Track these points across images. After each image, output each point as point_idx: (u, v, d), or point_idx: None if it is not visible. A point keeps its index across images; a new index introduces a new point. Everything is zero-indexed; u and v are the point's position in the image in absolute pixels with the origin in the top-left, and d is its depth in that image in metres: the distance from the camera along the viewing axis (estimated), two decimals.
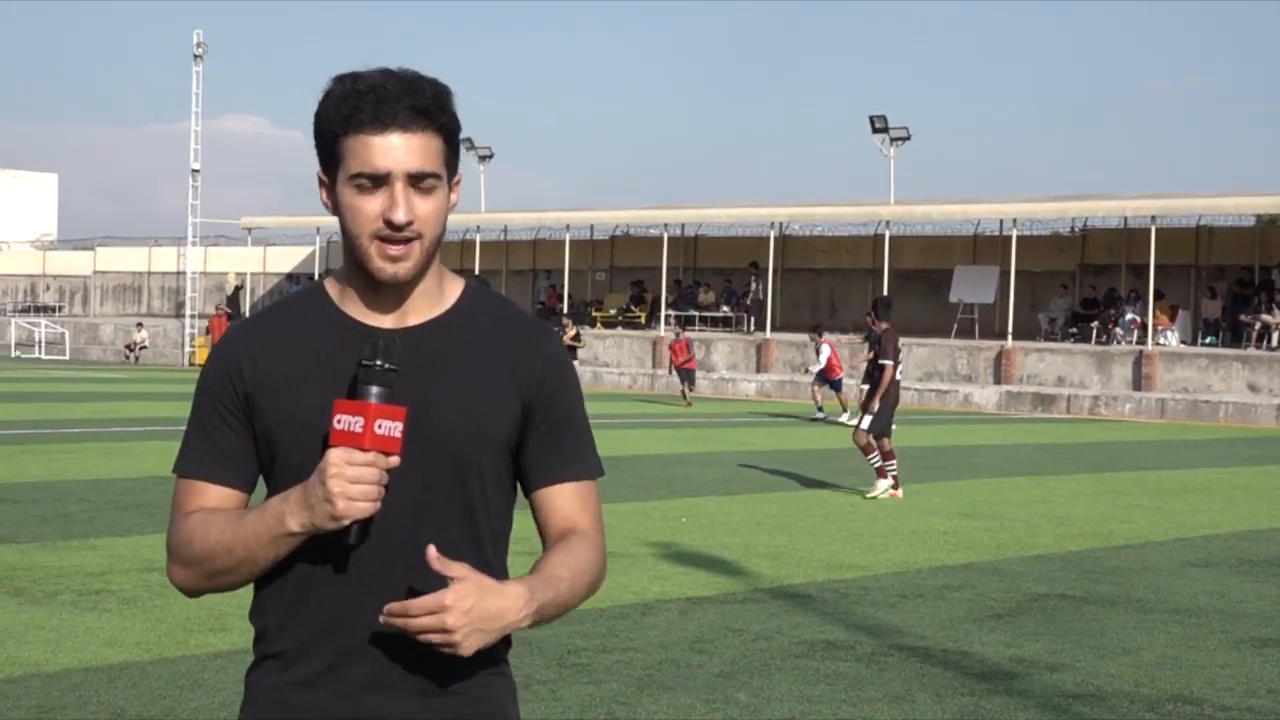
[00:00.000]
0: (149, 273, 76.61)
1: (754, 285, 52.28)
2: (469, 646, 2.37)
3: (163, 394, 34.74)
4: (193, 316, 62.14)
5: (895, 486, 17.20)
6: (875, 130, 48.21)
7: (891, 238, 48.42)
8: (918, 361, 43.92)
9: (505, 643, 2.63)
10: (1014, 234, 45.23)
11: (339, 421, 2.40)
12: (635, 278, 57.49)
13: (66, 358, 65.87)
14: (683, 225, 56.59)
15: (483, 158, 58.50)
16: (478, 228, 57.42)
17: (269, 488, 2.60)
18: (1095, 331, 44.33)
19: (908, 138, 48.24)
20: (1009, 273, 44.60)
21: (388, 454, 2.41)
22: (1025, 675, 8.37)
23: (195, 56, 65.56)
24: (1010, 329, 43.40)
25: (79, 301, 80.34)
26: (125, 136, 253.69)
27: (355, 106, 2.48)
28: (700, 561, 12.04)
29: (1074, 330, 45.53)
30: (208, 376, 2.63)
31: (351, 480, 2.38)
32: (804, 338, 46.95)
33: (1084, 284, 49.13)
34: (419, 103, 2.49)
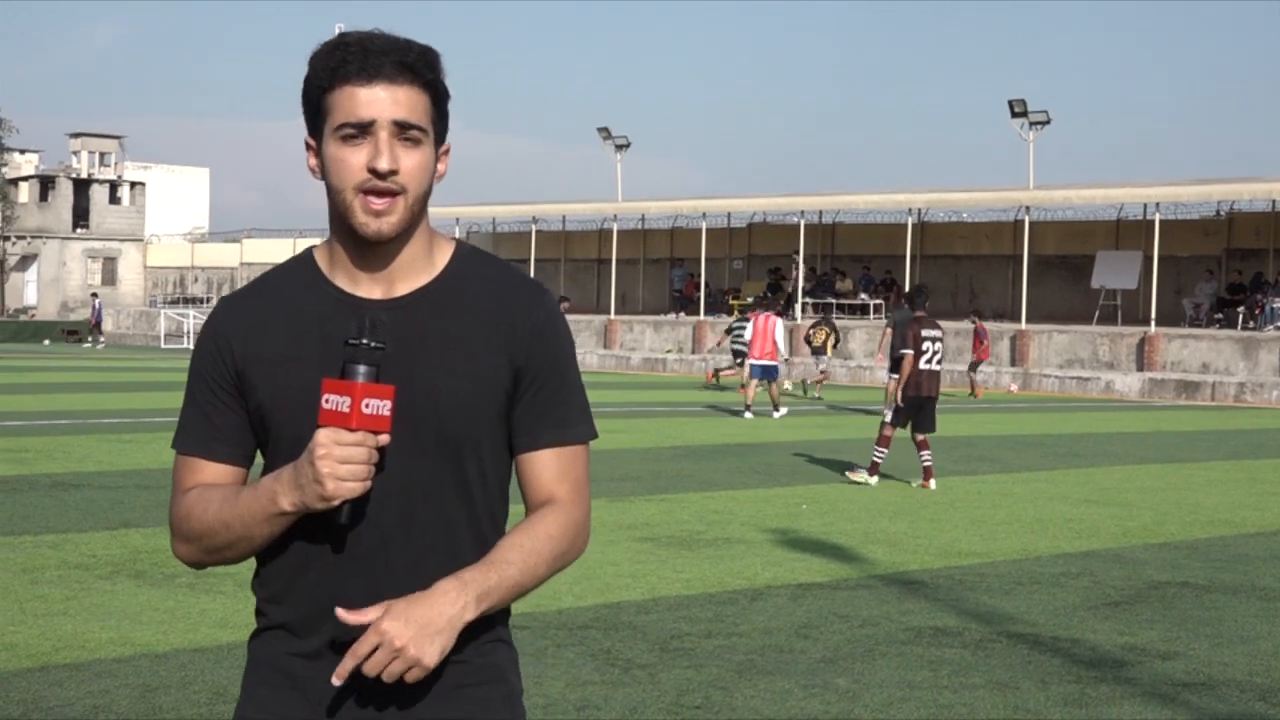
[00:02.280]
0: None
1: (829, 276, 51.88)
2: (430, 655, 2.37)
3: None
4: None
5: (872, 472, 16.71)
6: (1014, 114, 47.57)
7: (1032, 223, 47.77)
8: (1058, 348, 43.33)
9: (504, 612, 2.61)
10: (1157, 218, 44.42)
11: (327, 401, 2.39)
12: (772, 265, 57.32)
13: None
14: (820, 212, 56.30)
15: (619, 147, 58.65)
16: (615, 216, 57.57)
17: (265, 462, 2.60)
18: (1241, 317, 43.40)
19: (1048, 121, 47.54)
20: (1152, 258, 43.80)
21: (377, 433, 2.40)
22: (1136, 663, 8.22)
23: None
24: (1154, 315, 42.63)
25: (226, 292, 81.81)
26: (275, 130, 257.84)
27: (342, 59, 2.47)
28: (816, 548, 11.97)
29: (1219, 316, 44.63)
30: (199, 353, 2.63)
31: (340, 460, 2.37)
32: (943, 324, 46.54)
33: (1230, 269, 48.14)
34: (405, 58, 2.48)
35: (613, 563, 10.99)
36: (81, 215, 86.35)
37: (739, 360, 32.25)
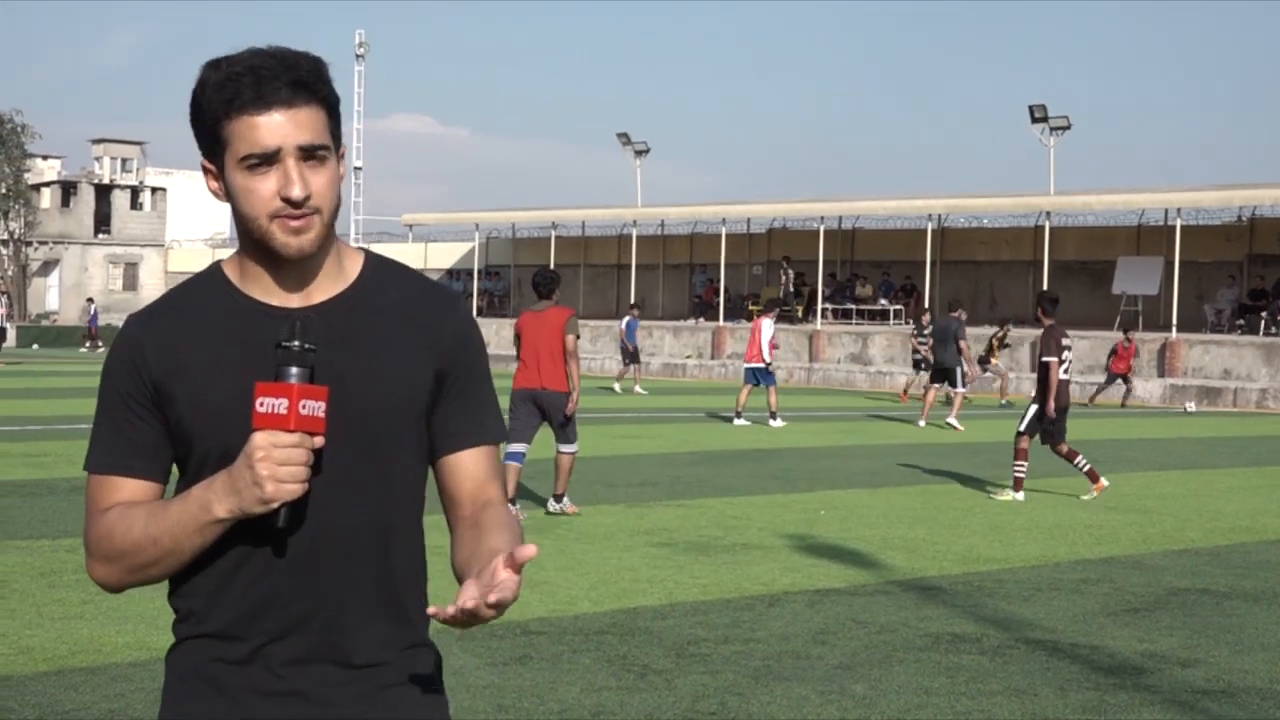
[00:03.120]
0: None
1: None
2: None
3: None
4: None
5: (1017, 488, 16.40)
6: (1034, 120, 47.48)
7: (1052, 229, 47.64)
8: (1079, 354, 43.18)
9: (423, 611, 2.62)
10: (1179, 223, 44.27)
11: (261, 405, 2.37)
12: (792, 271, 57.23)
13: None
14: (840, 218, 56.25)
15: (639, 153, 58.70)
16: (634, 222, 57.58)
17: (183, 476, 2.57)
18: (1264, 323, 43.23)
19: (1068, 127, 47.45)
20: (1173, 263, 43.66)
21: (313, 434, 2.39)
22: (1155, 670, 8.17)
23: (357, 56, 66.65)
24: (1175, 321, 42.48)
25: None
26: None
27: (235, 90, 2.44)
28: (834, 553, 11.93)
29: (1241, 322, 44.46)
30: (112, 368, 2.59)
31: (279, 463, 2.36)
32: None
33: (1252, 274, 47.98)
34: (298, 77, 2.46)
35: (630, 568, 10.96)
36: (103, 221, 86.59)
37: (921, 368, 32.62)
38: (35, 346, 67.38)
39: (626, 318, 40.35)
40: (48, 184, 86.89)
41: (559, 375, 13.60)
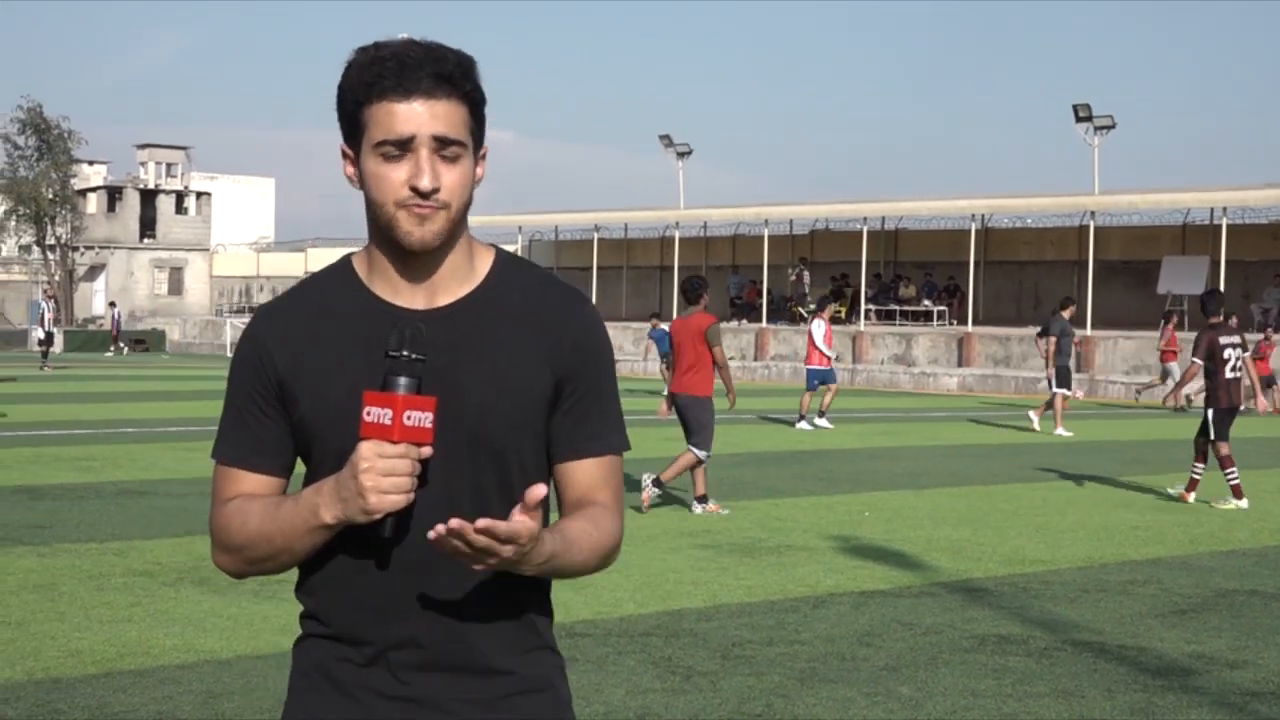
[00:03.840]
0: None
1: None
2: (497, 563, 2.33)
3: None
4: None
5: (1189, 489, 16.09)
6: (1079, 119, 47.24)
7: (1097, 228, 47.44)
8: (1125, 354, 43.00)
9: (548, 618, 2.62)
10: (1224, 222, 44.02)
11: (369, 414, 2.37)
12: (835, 272, 57.15)
13: None
14: (883, 219, 56.12)
15: (681, 154, 58.65)
16: (676, 224, 57.57)
17: (308, 472, 2.58)
18: None
19: (1112, 126, 47.18)
20: (1219, 263, 43.40)
21: (419, 445, 2.37)
22: (1203, 672, 8.12)
23: None
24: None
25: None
26: (339, 139, 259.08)
27: (378, 74, 2.44)
28: (879, 555, 11.90)
29: None
30: (239, 363, 2.60)
31: (383, 474, 2.35)
32: (1008, 331, 46.24)
33: None
34: (443, 70, 2.44)
35: (674, 570, 10.97)
36: (148, 225, 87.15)
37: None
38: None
39: (649, 329, 37.06)
40: (93, 189, 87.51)
41: (695, 380, 14.20)
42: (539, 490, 2.31)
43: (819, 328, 27.36)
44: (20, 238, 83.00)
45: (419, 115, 2.43)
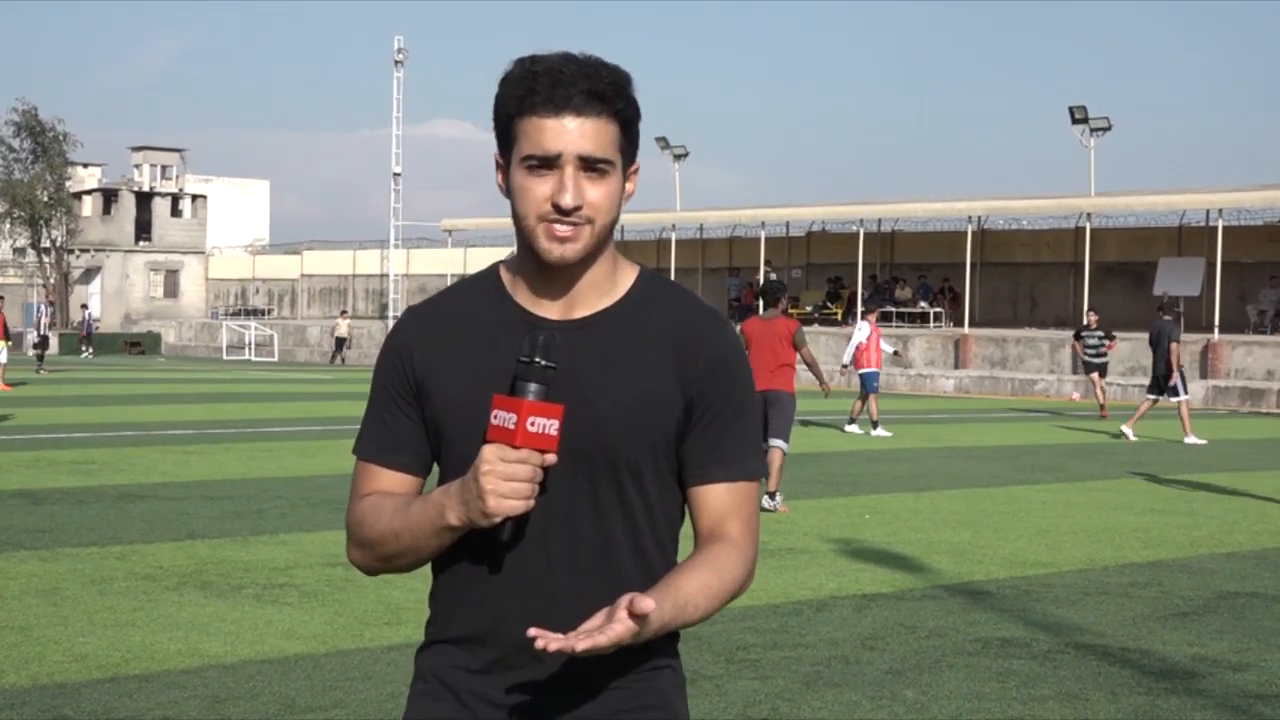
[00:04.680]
0: (353, 275, 78.31)
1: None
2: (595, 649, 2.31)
3: (364, 394, 35.40)
4: (395, 318, 63.25)
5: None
6: (1075, 121, 47.32)
7: (1093, 230, 47.51)
8: (1121, 356, 43.02)
9: (673, 636, 2.60)
10: (1220, 224, 44.07)
11: (495, 417, 2.40)
12: (831, 274, 57.19)
13: (275, 359, 67.59)
14: (879, 221, 56.16)
15: (678, 156, 58.70)
16: (673, 226, 57.62)
17: (440, 472, 2.62)
18: None
19: (1108, 128, 47.26)
20: (1215, 264, 43.45)
21: (543, 451, 2.38)
22: (1207, 674, 8.13)
23: (396, 62, 66.81)
24: (1217, 322, 42.26)
25: (287, 304, 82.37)
26: (335, 142, 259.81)
27: (530, 88, 2.46)
28: (880, 558, 11.91)
29: None
30: (382, 362, 2.65)
31: (503, 478, 2.36)
32: (1004, 332, 46.30)
33: None
34: (595, 87, 2.46)
35: None
36: (144, 228, 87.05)
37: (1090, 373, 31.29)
38: (85, 354, 67.85)
39: None
40: (89, 192, 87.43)
41: (781, 378, 14.99)
42: (647, 604, 2.28)
43: (862, 330, 27.26)
44: (15, 240, 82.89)
45: (568, 132, 2.45)
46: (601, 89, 2.46)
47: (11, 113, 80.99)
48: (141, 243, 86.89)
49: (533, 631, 2.31)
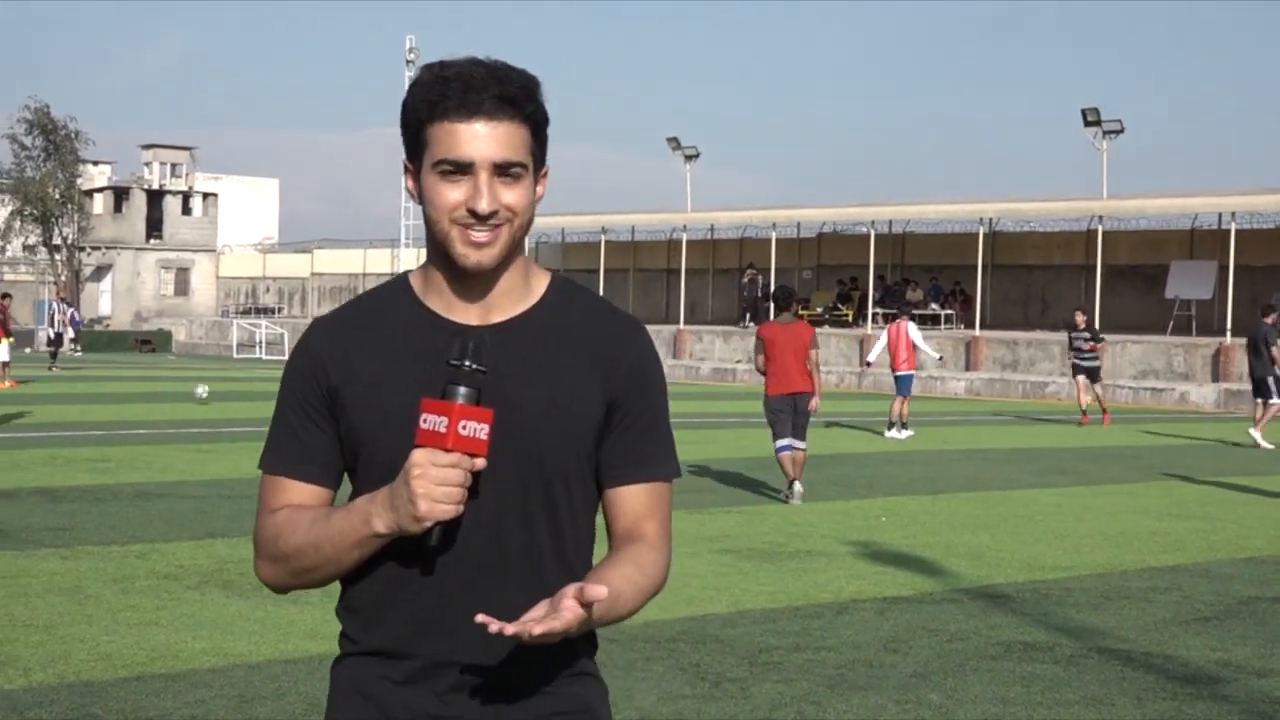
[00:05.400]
0: (364, 274, 78.32)
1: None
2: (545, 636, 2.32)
3: None
4: None
5: None
6: (1087, 123, 47.28)
7: (1105, 233, 47.46)
8: (1132, 359, 42.98)
9: (591, 644, 2.61)
10: (1233, 227, 44.01)
11: (425, 421, 2.38)
12: (842, 275, 57.16)
13: (286, 358, 67.58)
14: (890, 222, 56.11)
15: (689, 157, 58.68)
16: (684, 227, 57.61)
17: (354, 485, 2.59)
18: None
19: (1121, 130, 47.24)
20: (1228, 267, 43.39)
21: (473, 455, 2.38)
22: (1231, 680, 8.13)
23: (408, 62, 66.91)
24: (1229, 325, 42.18)
25: (297, 303, 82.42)
26: (344, 141, 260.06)
27: (441, 94, 2.45)
28: (899, 561, 11.91)
29: None
30: (291, 373, 2.61)
31: (436, 481, 2.35)
32: (1014, 335, 46.23)
33: None
34: (505, 91, 2.46)
35: (696, 575, 10.97)
36: (155, 226, 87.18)
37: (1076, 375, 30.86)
38: (73, 351, 67.92)
39: None
40: (100, 190, 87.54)
41: (806, 380, 15.75)
42: (599, 591, 2.29)
43: (914, 330, 26.98)
44: (26, 238, 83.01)
45: (480, 139, 2.45)
46: (512, 93, 2.46)
47: (24, 110, 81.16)
48: (152, 241, 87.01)
49: (481, 618, 2.31)
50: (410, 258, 69.82)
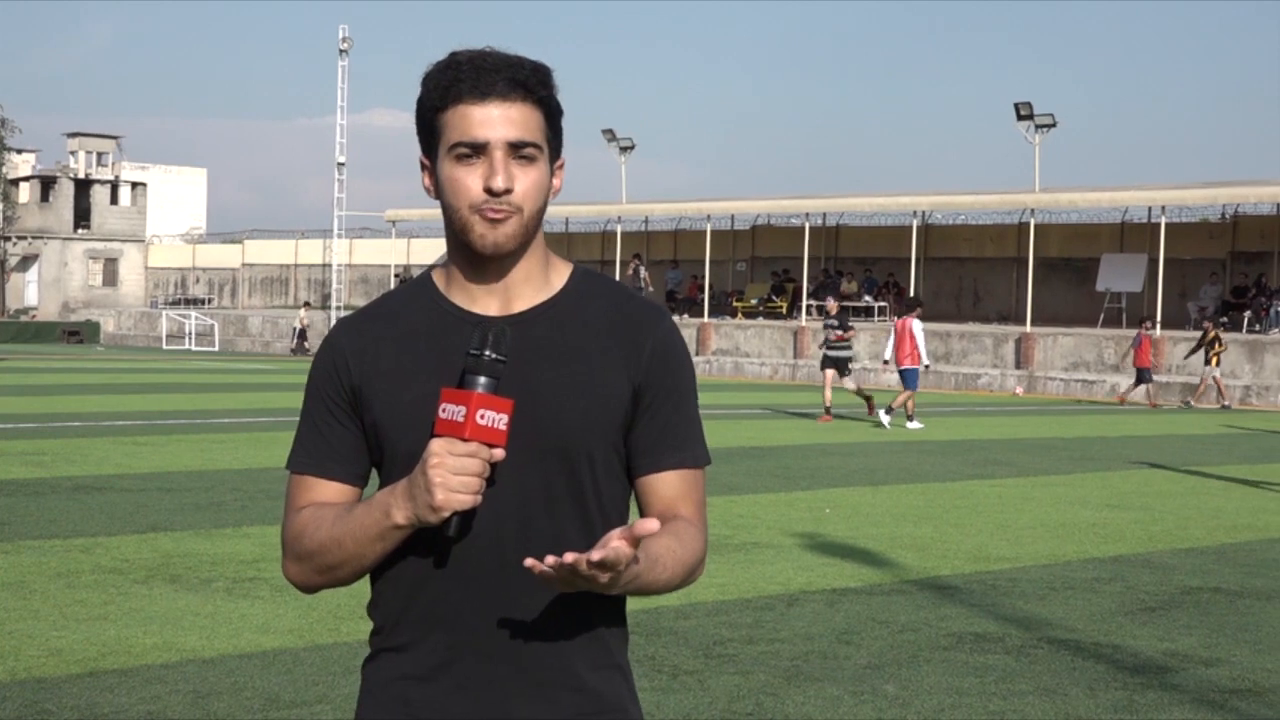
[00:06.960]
0: (295, 265, 77.86)
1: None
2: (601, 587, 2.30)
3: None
4: (339, 308, 62.97)
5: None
6: (1020, 117, 47.63)
7: (1037, 226, 47.85)
8: (1064, 351, 43.37)
9: (622, 638, 2.59)
10: (1163, 221, 44.47)
11: (444, 410, 2.36)
12: (777, 268, 57.33)
13: (216, 349, 67.12)
14: (824, 215, 56.35)
15: (624, 149, 58.70)
16: (619, 218, 57.63)
17: (381, 480, 2.57)
18: (1246, 320, 43.42)
19: (1053, 125, 47.61)
20: (1157, 261, 43.88)
21: (491, 445, 2.36)
22: (1180, 669, 8.22)
23: (341, 51, 66.51)
24: (1159, 318, 42.64)
25: (227, 294, 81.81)
26: (272, 131, 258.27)
27: (454, 78, 2.46)
28: (845, 552, 11.97)
29: (1224, 319, 44.62)
30: (316, 372, 2.61)
31: (452, 470, 2.33)
32: (947, 327, 46.52)
33: (1235, 272, 48.23)
34: (518, 75, 2.47)
35: None
36: (82, 216, 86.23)
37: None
38: None
39: None
40: (26, 179, 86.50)
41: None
42: (651, 525, 2.26)
43: (918, 329, 26.72)
44: None
45: (494, 118, 2.45)
46: (524, 77, 2.47)
47: None
48: (80, 230, 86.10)
49: (529, 562, 2.27)
50: (343, 249, 69.46)
